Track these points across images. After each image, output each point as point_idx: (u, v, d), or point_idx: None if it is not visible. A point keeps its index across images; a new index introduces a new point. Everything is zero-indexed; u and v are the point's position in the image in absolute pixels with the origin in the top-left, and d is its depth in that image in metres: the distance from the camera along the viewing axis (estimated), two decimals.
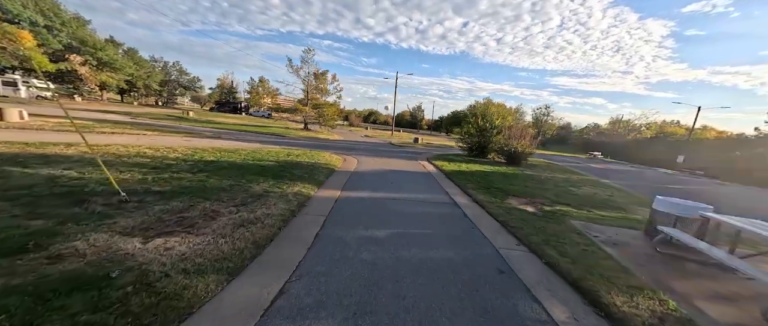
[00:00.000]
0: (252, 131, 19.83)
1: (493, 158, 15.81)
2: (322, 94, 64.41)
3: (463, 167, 11.51)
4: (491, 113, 15.81)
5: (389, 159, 12.51)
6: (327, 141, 19.37)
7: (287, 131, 22.70)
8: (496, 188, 7.82)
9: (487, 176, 9.69)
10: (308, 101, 26.48)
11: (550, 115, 55.76)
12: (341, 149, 15.15)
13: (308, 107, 25.60)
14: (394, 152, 16.23)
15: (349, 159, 11.32)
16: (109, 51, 36.73)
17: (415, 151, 17.83)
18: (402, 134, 39.42)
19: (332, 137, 23.21)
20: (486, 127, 15.51)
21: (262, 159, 8.63)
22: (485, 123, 15.53)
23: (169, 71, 59.23)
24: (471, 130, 16.18)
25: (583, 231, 4.68)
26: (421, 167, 11.15)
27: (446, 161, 12.77)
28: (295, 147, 13.33)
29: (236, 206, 4.41)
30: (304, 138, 19.67)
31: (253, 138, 15.76)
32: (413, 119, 76.73)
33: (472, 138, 16.06)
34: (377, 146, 19.41)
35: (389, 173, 9.02)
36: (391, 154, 14.89)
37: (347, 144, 18.35)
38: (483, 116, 15.95)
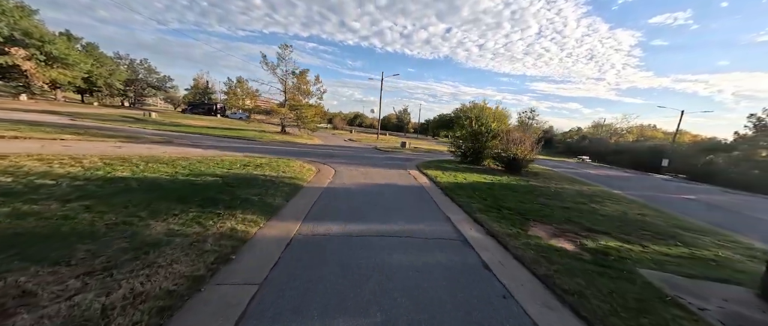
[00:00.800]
0: (216, 135, 17.39)
1: (489, 165, 14.30)
2: (304, 95, 61.97)
3: (459, 177, 9.83)
4: (487, 115, 14.32)
5: (373, 169, 10.62)
6: (304, 146, 17.25)
7: (260, 135, 20.35)
8: (507, 208, 6.12)
9: (491, 190, 8.02)
10: (286, 101, 24.20)
11: (535, 118, 55.97)
12: (318, 155, 13.13)
13: (285, 108, 23.30)
14: (380, 159, 14.36)
15: (324, 169, 9.35)
16: (59, 45, 32.76)
17: (403, 157, 16.05)
18: (388, 138, 37.72)
19: (311, 141, 21.07)
20: (481, 131, 13.98)
21: (204, 173, 6.51)
22: (480, 127, 14.00)
23: (136, 70, 54.67)
24: (464, 134, 14.61)
25: (673, 295, 2.99)
26: (411, 178, 9.34)
27: (439, 170, 11.06)
28: (261, 154, 11.20)
29: (84, 277, 2.38)
30: (277, 143, 17.44)
31: (212, 143, 13.43)
32: (399, 122, 75.48)
33: (466, 143, 14.50)
34: (361, 151, 17.50)
35: (372, 190, 7.14)
36: (375, 161, 13.01)
37: (326, 150, 16.31)
38: (478, 119, 14.43)
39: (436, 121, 73.40)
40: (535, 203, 6.98)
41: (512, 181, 10.20)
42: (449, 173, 10.69)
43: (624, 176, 20.47)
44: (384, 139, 33.35)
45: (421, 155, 18.81)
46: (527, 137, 13.03)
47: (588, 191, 9.73)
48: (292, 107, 24.14)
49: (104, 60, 46.50)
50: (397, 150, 19.97)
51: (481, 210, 5.77)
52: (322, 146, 18.89)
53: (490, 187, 8.60)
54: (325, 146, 18.54)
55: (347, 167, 10.19)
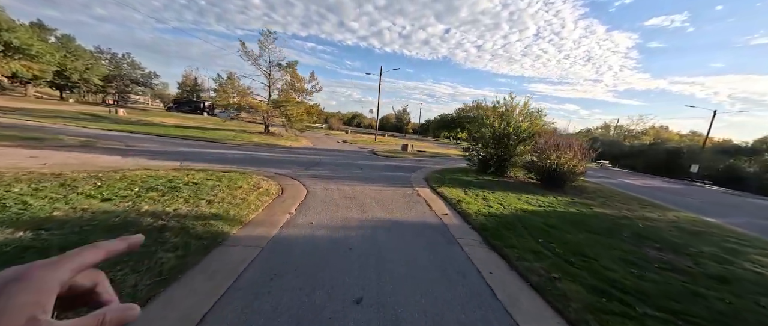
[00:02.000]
0: (180, 137, 14.19)
1: (516, 176, 11.20)
2: (298, 93, 58.61)
3: (492, 200, 6.72)
4: (516, 113, 11.17)
5: (366, 186, 7.47)
6: (284, 150, 14.08)
7: (238, 136, 17.15)
8: (618, 286, 3.01)
9: (553, 228, 4.91)
10: (269, 97, 20.98)
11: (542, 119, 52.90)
12: (297, 164, 9.98)
13: (268, 104, 20.06)
14: (377, 168, 11.20)
15: (291, 190, 6.20)
16: (20, 34, 29.34)
17: (405, 165, 12.89)
18: (387, 139, 34.57)
19: (297, 143, 17.89)
20: (508, 133, 10.87)
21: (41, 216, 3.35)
22: (507, 127, 10.89)
23: (119, 65, 51.21)
24: (485, 136, 11.50)
25: None
26: (422, 205, 6.20)
27: (459, 188, 7.94)
28: (209, 164, 8.04)
29: None
30: (251, 146, 14.25)
31: (158, 148, 10.25)
32: (399, 122, 72.38)
33: (487, 148, 11.37)
34: (354, 156, 14.35)
35: (361, 239, 3.99)
36: (371, 173, 9.86)
37: (311, 155, 13.14)
38: (503, 118, 11.32)
39: (436, 121, 70.27)
40: (647, 262, 3.88)
41: (568, 206, 7.08)
42: (473, 192, 7.57)
43: (668, 187, 17.42)
44: (382, 140, 30.21)
45: (426, 160, 15.68)
46: (575, 140, 9.93)
47: (687, 224, 6.61)
48: (276, 103, 20.92)
49: (81, 53, 43.10)
50: (397, 154, 16.84)
51: (578, 299, 2.65)
52: (308, 149, 15.71)
53: (546, 220, 5.49)
54: (311, 150, 15.37)
55: (329, 185, 7.04)
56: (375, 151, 17.41)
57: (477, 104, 61.92)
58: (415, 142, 36.65)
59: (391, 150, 19.01)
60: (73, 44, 42.62)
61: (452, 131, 66.21)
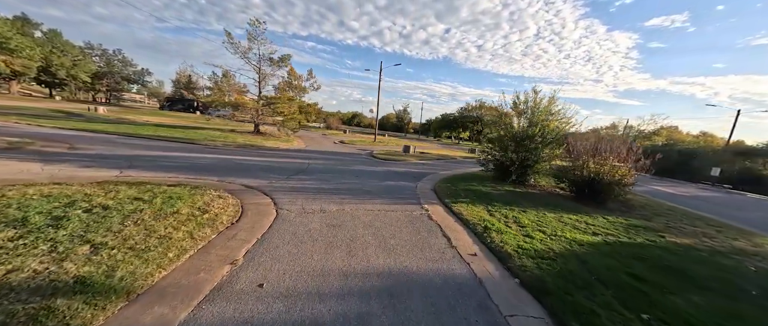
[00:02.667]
0: (155, 137, 12.41)
1: (541, 185, 9.43)
2: (297, 91, 56.72)
3: (527, 222, 4.95)
4: (541, 109, 9.33)
5: (359, 203, 5.72)
6: (269, 153, 12.32)
7: (222, 136, 15.38)
8: None
9: (644, 282, 3.13)
10: (260, 94, 19.17)
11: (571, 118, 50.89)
12: (278, 171, 8.22)
13: (256, 101, 18.24)
14: (375, 175, 9.43)
15: (255, 214, 4.44)
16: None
17: (409, 171, 11.12)
18: (387, 140, 32.80)
19: (288, 144, 16.12)
20: (531, 134, 9.09)
21: None
22: (532, 127, 9.11)
23: (110, 61, 49.43)
24: (503, 137, 9.72)
25: None
26: (439, 239, 4.42)
27: (480, 204, 6.17)
28: (175, 172, 6.30)
29: None
30: (231, 148, 12.49)
31: (107, 152, 8.47)
32: (399, 122, 70.60)
33: (506, 152, 9.58)
34: (349, 160, 12.59)
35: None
36: (367, 181, 8.10)
37: (299, 159, 11.38)
38: (525, 115, 9.54)
39: (438, 121, 68.49)
40: None
41: (629, 232, 5.30)
42: (499, 210, 5.80)
43: (706, 195, 15.62)
44: (382, 141, 28.43)
45: (431, 165, 13.90)
46: (622, 142, 8.15)
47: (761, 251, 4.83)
48: (268, 101, 19.13)
49: (68, 49, 41.34)
50: (398, 157, 15.06)
51: None
52: (299, 152, 13.94)
53: (621, 262, 3.72)
54: (302, 153, 13.60)
55: (311, 203, 5.27)
56: (374, 153, 15.64)
57: (480, 104, 60.27)
58: (416, 142, 34.88)
59: (391, 152, 17.23)
60: (59, 39, 40.85)
61: (454, 131, 64.46)
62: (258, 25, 18.33)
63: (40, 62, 36.62)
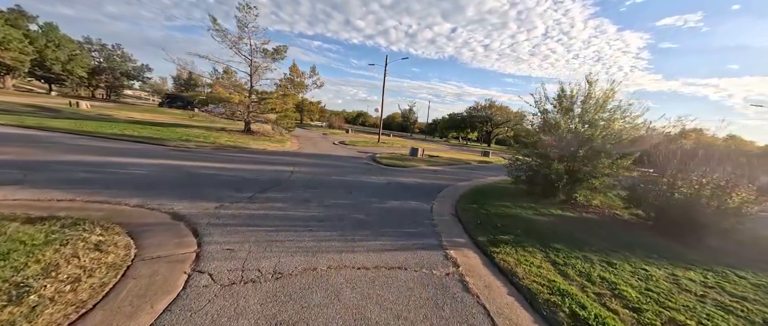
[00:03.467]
0: (108, 136, 10.46)
1: (596, 206, 7.14)
2: (298, 89, 54.81)
3: (631, 294, 2.71)
4: (598, 104, 6.98)
5: (343, 251, 3.60)
6: (251, 156, 10.26)
7: (202, 135, 13.41)
8: None
9: None
10: (252, 88, 17.14)
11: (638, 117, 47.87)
12: (245, 185, 6.11)
13: (243, 95, 16.17)
14: (375, 190, 7.28)
15: (133, 293, 2.27)
16: None
17: (419, 183, 8.92)
18: (392, 140, 30.61)
19: (279, 146, 14.08)
20: (589, 138, 6.80)
21: None
22: (589, 129, 6.82)
23: (109, 57, 48.24)
24: (544, 142, 7.44)
25: None
26: None
27: (532, 244, 3.94)
28: (89, 190, 4.23)
29: None
30: (209, 150, 10.47)
31: (18, 159, 6.48)
32: (405, 121, 68.26)
33: (548, 161, 7.29)
34: (346, 167, 10.47)
35: None
36: (362, 205, 5.98)
37: (282, 166, 9.30)
38: (571, 114, 7.25)
39: (445, 121, 65.96)
40: None
41: None
42: (571, 261, 3.58)
43: None
44: (386, 141, 26.24)
45: (445, 172, 11.69)
46: (726, 155, 5.84)
47: None
48: (260, 97, 17.10)
49: (65, 44, 40.14)
50: (405, 163, 12.87)
51: None
52: (287, 155, 11.87)
53: None
54: (290, 156, 11.52)
55: (261, 253, 3.13)
56: (377, 157, 13.47)
57: (490, 103, 57.63)
58: (423, 144, 32.63)
59: (396, 156, 15.03)
60: (55, 33, 39.69)
61: (462, 132, 61.89)
62: (248, 11, 16.30)
63: (34, 56, 35.47)
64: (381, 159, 12.70)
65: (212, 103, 17.22)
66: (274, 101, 16.03)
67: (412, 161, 13.51)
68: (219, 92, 15.53)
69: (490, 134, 57.56)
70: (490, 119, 56.04)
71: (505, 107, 56.62)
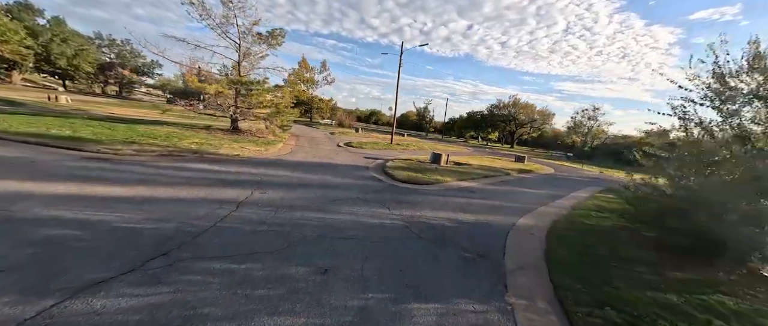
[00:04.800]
0: (47, 140, 7.61)
1: None
2: (307, 85, 51.61)
3: None
4: None
5: None
6: (197, 172, 7.08)
7: (162, 136, 10.51)
8: None
9: None
10: (240, 79, 14.11)
11: (597, 118, 42.80)
12: (104, 254, 2.78)
13: (223, 86, 13.10)
14: (386, 261, 3.93)
15: None
16: None
17: (462, 224, 5.47)
18: (407, 141, 27.10)
19: (261, 150, 10.96)
20: None
21: None
22: None
23: (120, 53, 47.39)
24: (723, 164, 3.78)
25: None
26: None
27: None
28: None
29: None
30: (146, 159, 7.41)
31: None
32: (420, 120, 64.34)
33: (717, 196, 3.63)
34: (334, 192, 7.13)
35: None
36: None
37: (232, 191, 6.04)
38: None
39: (463, 120, 61.60)
40: None
41: None
42: None
43: None
44: (400, 143, 22.75)
45: (485, 190, 8.13)
46: None
47: None
48: (247, 88, 14.06)
49: (73, 38, 39.23)
50: (428, 174, 9.41)
51: None
52: (263, 164, 8.68)
53: None
54: (265, 167, 8.32)
55: None
56: (389, 168, 10.08)
57: (514, 100, 52.74)
58: (441, 145, 28.93)
59: (414, 164, 11.55)
60: (61, 27, 38.79)
61: (482, 131, 57.32)
62: None
63: (38, 50, 34.56)
64: (394, 171, 9.28)
65: (191, 95, 14.31)
66: (260, 93, 12.90)
67: (435, 173, 10.00)
68: (191, 81, 12.60)
69: (513, 135, 52.75)
70: (514, 118, 51.24)
71: (530, 104, 51.62)
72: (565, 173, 16.70)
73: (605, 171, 21.25)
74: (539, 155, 34.18)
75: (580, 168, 21.40)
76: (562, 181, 13.09)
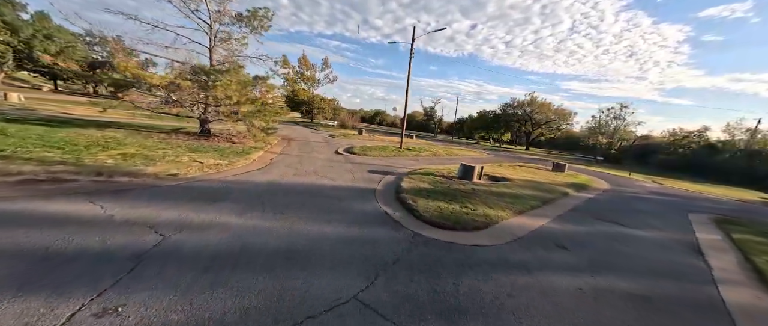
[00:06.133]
0: None
1: None
2: (308, 83, 48.12)
3: None
4: None
5: None
6: (52, 220, 3.86)
7: (103, 143, 7.38)
8: None
9: None
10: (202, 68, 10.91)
11: (625, 118, 38.66)
12: None
13: (171, 77, 9.84)
14: None
15: None
16: None
17: None
18: (419, 145, 23.76)
19: (223, 162, 7.75)
20: None
21: None
22: None
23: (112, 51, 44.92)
24: None
25: None
26: None
27: None
28: None
29: None
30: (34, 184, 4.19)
31: None
32: (428, 119, 60.85)
33: None
34: (322, 261, 3.85)
35: None
36: None
37: (59, 280, 2.63)
38: None
39: (474, 120, 57.80)
40: None
41: None
42: None
43: None
44: (412, 146, 19.41)
45: (579, 236, 4.78)
46: None
47: None
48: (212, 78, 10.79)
49: (60, 35, 36.87)
50: (468, 205, 6.12)
51: None
52: (207, 193, 5.45)
53: None
54: (205, 201, 5.10)
55: None
56: (405, 189, 6.78)
57: (532, 98, 48.81)
58: (455, 148, 25.52)
59: (441, 183, 8.20)
60: (45, 23, 36.45)
61: (494, 132, 53.47)
62: None
63: (20, 47, 32.20)
64: (415, 199, 5.96)
65: (137, 86, 11.12)
66: (224, 84, 9.61)
67: (474, 198, 6.64)
68: (122, 65, 9.50)
69: (529, 136, 48.84)
70: (530, 118, 47.39)
71: (547, 103, 47.61)
72: (624, 187, 13.15)
73: (662, 181, 17.55)
74: (562, 159, 30.50)
75: (629, 177, 17.75)
76: (644, 203, 9.59)
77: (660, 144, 37.44)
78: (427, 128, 64.12)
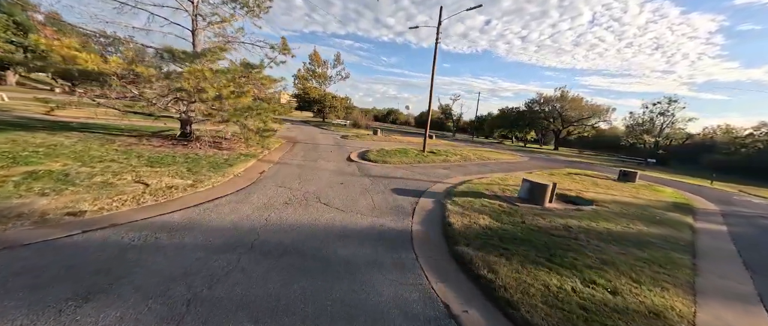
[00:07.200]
0: None
1: None
2: (320, 81, 45.77)
3: None
4: None
5: None
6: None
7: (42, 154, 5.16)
8: None
9: None
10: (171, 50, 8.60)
11: (675, 114, 33.88)
12: None
13: (125, 64, 7.53)
14: None
15: None
16: None
17: None
18: (444, 146, 20.92)
19: (192, 179, 5.35)
20: None
21: None
22: None
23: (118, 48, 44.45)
24: None
25: None
26: None
27: None
28: None
29: None
30: None
31: None
32: (445, 117, 57.34)
33: None
34: None
35: None
36: None
37: None
38: None
39: (495, 117, 53.73)
40: None
41: None
42: None
43: None
44: (437, 150, 16.55)
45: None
46: None
47: None
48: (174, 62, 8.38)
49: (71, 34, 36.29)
50: (595, 275, 3.41)
51: None
52: (97, 267, 2.94)
53: None
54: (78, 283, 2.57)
55: None
56: (457, 228, 4.17)
57: (562, 93, 44.53)
58: (484, 150, 22.41)
59: (496, 206, 5.49)
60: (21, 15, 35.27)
61: (518, 130, 49.27)
62: None
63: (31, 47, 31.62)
64: (493, 264, 3.31)
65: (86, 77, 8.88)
66: (192, 71, 7.14)
67: (590, 257, 3.89)
68: (49, 45, 7.33)
69: (559, 135, 44.53)
70: (560, 115, 43.13)
71: (579, 98, 43.18)
72: (735, 205, 9.82)
73: (750, 190, 13.84)
74: (603, 161, 26.70)
75: (712, 186, 14.15)
76: None
77: (715, 143, 32.60)
78: (444, 127, 60.65)
